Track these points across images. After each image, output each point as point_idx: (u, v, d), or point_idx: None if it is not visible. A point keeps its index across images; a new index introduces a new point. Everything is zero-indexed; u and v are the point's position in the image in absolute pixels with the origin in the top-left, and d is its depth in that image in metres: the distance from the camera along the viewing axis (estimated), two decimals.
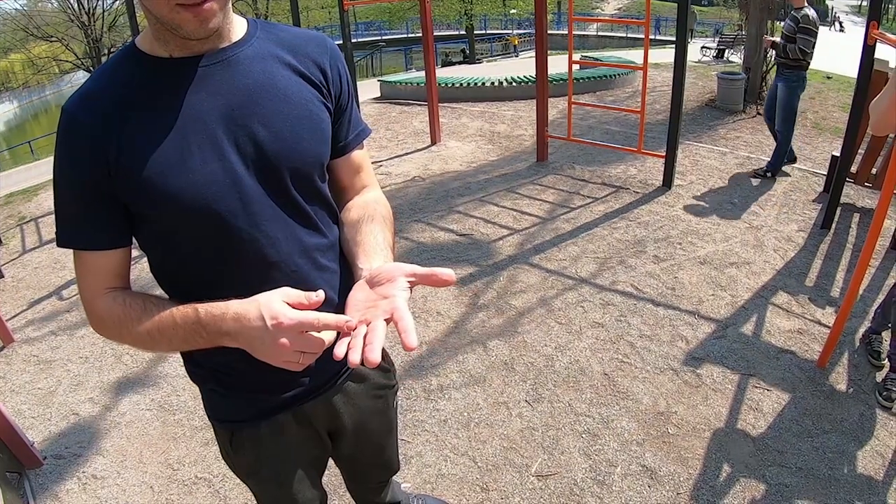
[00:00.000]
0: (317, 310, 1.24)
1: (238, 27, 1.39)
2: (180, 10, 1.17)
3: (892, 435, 3.36)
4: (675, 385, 3.82)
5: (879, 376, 3.75)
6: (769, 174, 7.17)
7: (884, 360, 3.82)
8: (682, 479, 3.14)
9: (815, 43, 6.77)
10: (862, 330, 4.16)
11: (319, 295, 1.23)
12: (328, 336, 1.23)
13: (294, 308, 1.22)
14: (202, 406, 1.74)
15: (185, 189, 1.28)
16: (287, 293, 1.24)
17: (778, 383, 3.77)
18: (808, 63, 6.92)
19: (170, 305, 1.32)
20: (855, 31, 32.67)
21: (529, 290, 4.98)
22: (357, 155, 1.65)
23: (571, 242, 5.75)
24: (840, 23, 39.88)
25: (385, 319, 1.16)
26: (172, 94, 1.29)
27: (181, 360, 1.65)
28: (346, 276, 1.56)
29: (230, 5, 1.34)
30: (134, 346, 1.41)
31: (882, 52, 5.61)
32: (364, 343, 1.11)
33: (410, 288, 1.23)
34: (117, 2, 33.18)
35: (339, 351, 1.11)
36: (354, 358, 1.09)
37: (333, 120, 1.52)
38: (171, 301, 1.35)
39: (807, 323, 4.34)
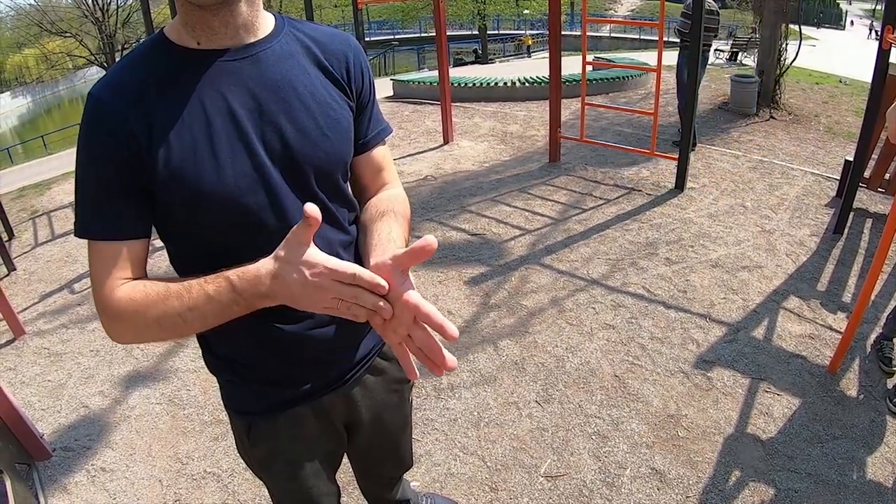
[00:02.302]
0: None
1: (266, 23, 1.40)
2: None
3: None
4: (685, 388, 3.81)
5: (890, 383, 3.74)
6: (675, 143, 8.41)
7: (895, 366, 3.81)
8: (691, 482, 3.13)
9: (689, 24, 7.49)
10: (873, 336, 4.15)
11: (311, 208, 1.16)
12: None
13: (303, 235, 1.18)
14: (212, 401, 1.75)
15: (216, 182, 1.28)
16: (298, 234, 1.18)
17: (788, 388, 3.76)
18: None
19: (192, 280, 1.27)
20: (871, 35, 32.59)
21: (541, 291, 4.97)
22: (378, 153, 1.66)
23: (583, 243, 5.75)
24: (876, 31, 39.66)
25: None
26: (201, 87, 1.29)
27: (191, 354, 1.66)
28: None
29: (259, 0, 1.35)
30: (157, 335, 1.34)
31: None
32: (429, 358, 1.16)
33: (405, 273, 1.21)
34: None
35: (415, 373, 1.22)
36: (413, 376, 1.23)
37: (354, 118, 1.53)
38: (193, 277, 1.29)
39: (818, 328, 4.32)
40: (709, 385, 3.82)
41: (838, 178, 6.76)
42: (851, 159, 5.73)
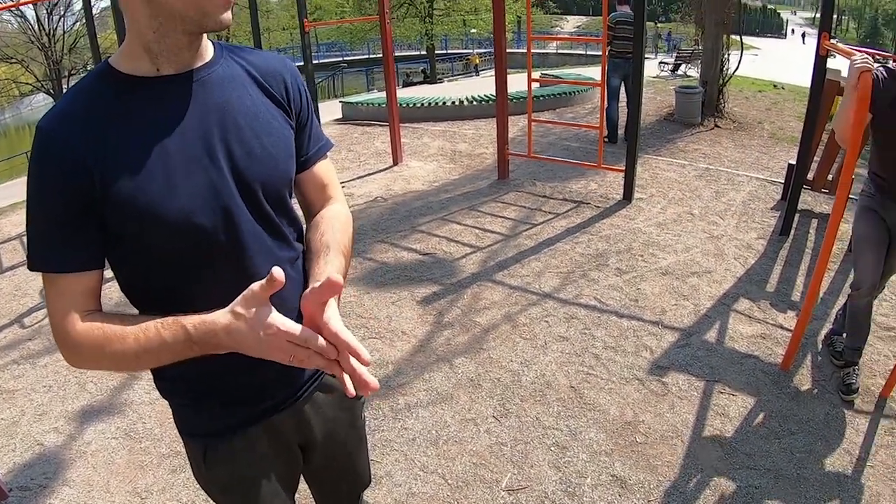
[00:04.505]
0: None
1: (209, 48, 1.43)
2: None
3: (859, 432, 3.43)
4: (641, 394, 3.84)
5: (842, 372, 3.81)
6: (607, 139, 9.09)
7: (846, 358, 3.88)
8: (652, 486, 3.16)
9: (612, 35, 8.73)
10: (823, 332, 4.24)
11: (278, 272, 1.20)
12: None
13: (262, 296, 1.22)
14: (168, 433, 1.74)
15: (170, 203, 1.30)
16: (258, 295, 1.22)
17: (743, 388, 3.82)
18: (614, 52, 9.07)
19: (150, 323, 1.30)
20: (811, 42, 33.42)
21: (494, 307, 4.99)
22: (320, 169, 1.69)
23: (534, 258, 5.78)
24: (804, 36, 40.58)
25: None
26: (151, 112, 1.31)
27: (146, 386, 1.66)
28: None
29: None
30: (114, 368, 1.41)
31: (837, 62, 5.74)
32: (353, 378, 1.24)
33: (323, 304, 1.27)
34: (78, 23, 33.09)
35: (350, 391, 1.23)
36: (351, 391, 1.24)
37: (295, 135, 1.56)
38: (149, 317, 1.32)
39: (769, 327, 4.39)
40: (664, 390, 3.86)
41: (783, 181, 6.90)
42: (795, 162, 5.85)
